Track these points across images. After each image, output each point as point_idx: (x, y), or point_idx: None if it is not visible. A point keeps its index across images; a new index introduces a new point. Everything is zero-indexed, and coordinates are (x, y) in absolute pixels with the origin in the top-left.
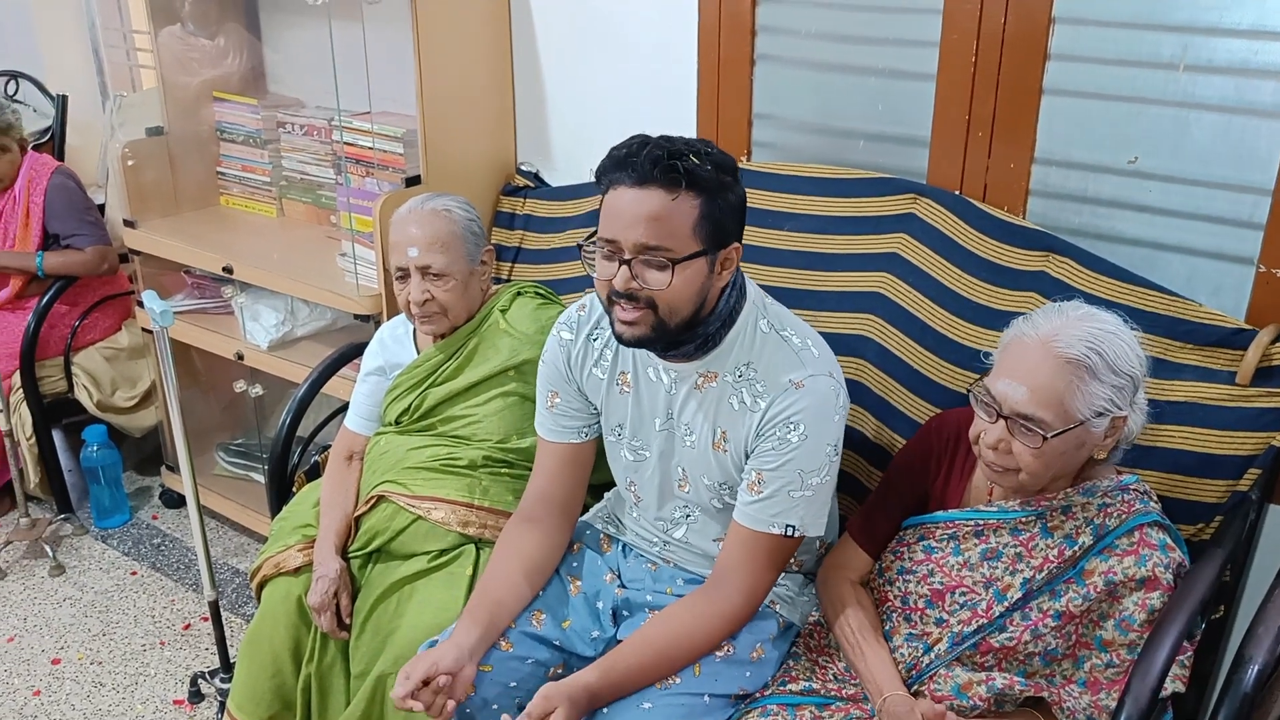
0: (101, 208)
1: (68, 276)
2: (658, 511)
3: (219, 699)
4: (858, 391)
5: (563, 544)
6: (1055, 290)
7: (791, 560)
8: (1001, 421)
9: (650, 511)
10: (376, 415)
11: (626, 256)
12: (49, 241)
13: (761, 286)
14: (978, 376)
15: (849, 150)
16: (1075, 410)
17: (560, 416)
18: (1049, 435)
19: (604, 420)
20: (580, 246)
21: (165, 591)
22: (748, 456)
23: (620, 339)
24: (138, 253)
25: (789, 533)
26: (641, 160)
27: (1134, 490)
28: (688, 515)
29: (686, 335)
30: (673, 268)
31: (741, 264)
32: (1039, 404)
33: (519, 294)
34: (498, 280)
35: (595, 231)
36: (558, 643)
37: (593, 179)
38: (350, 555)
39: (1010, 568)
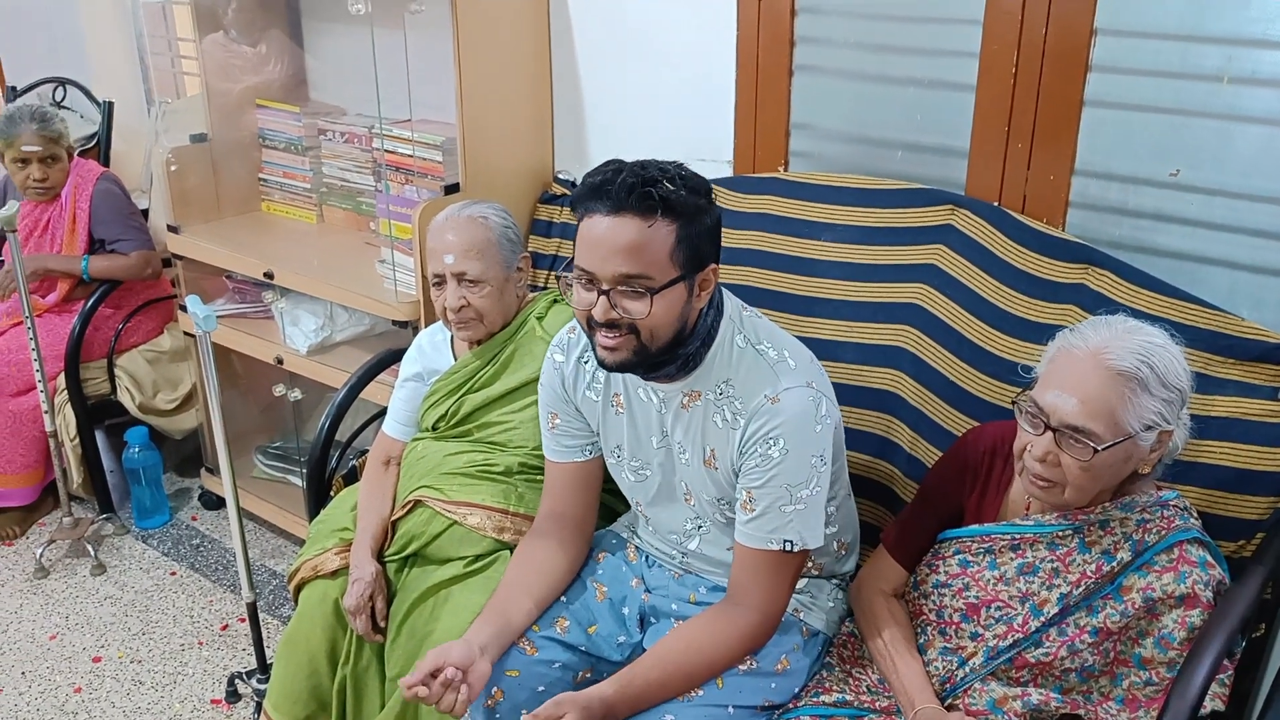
0: (145, 213)
1: (112, 280)
2: (669, 526)
3: (255, 699)
4: (893, 403)
5: (578, 558)
6: (1095, 303)
7: (810, 563)
8: (1049, 434)
9: (662, 526)
10: (414, 421)
11: (605, 287)
12: (94, 246)
13: (799, 296)
14: (1021, 389)
15: (887, 161)
16: (1126, 423)
17: (562, 436)
18: (1099, 448)
19: (603, 442)
20: (558, 276)
21: (204, 592)
22: (736, 474)
23: (603, 364)
24: (180, 257)
25: (788, 548)
26: (616, 188)
27: (1174, 506)
28: (699, 527)
29: (667, 357)
30: (651, 296)
31: (781, 273)
32: (1090, 415)
33: (555, 301)
34: (535, 288)
35: (571, 260)
36: (584, 648)
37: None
38: (386, 559)
39: (1047, 582)
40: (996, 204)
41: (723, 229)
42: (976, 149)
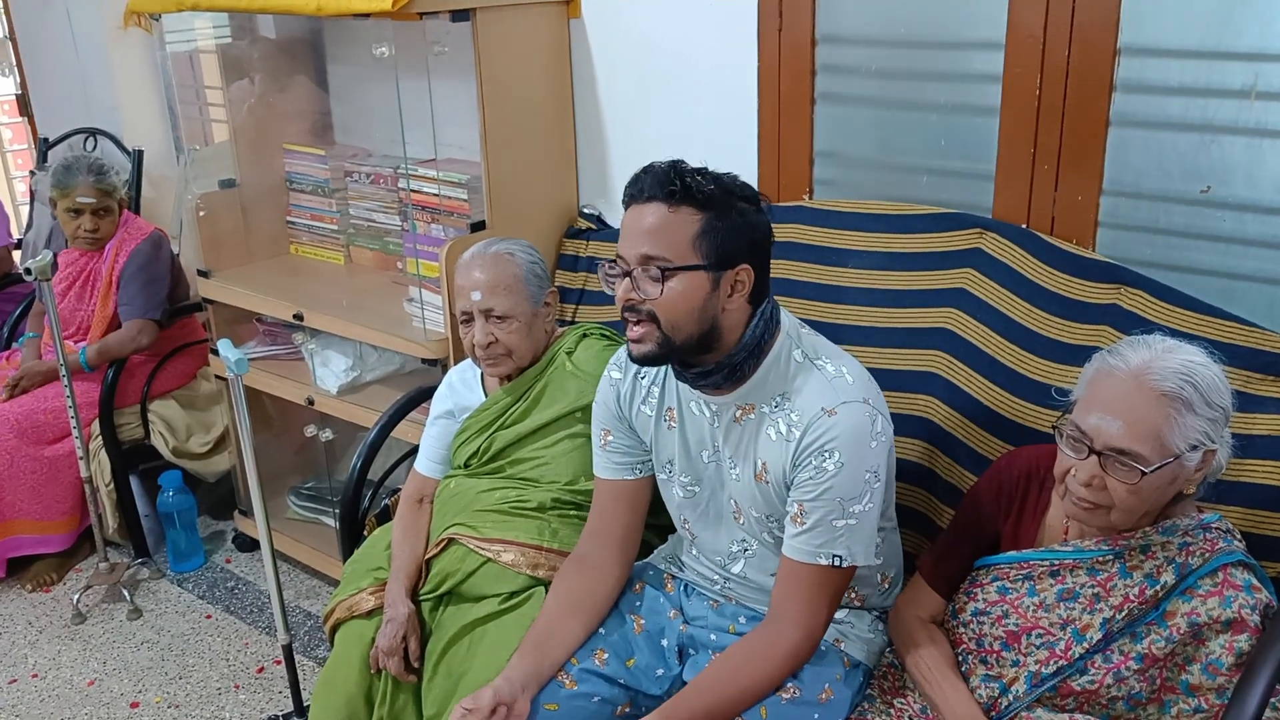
0: (178, 257)
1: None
2: (715, 547)
3: None
4: (927, 428)
5: (619, 582)
6: (1128, 323)
7: (852, 594)
8: (1093, 458)
9: (707, 547)
10: (446, 458)
11: (629, 268)
12: None
13: (827, 324)
14: (1061, 412)
15: (912, 186)
16: (1172, 444)
17: (614, 454)
18: (1147, 470)
19: (655, 458)
20: (600, 268)
21: (239, 635)
22: (788, 488)
23: (632, 359)
24: (211, 301)
25: (836, 563)
26: (650, 177)
27: (1216, 529)
28: (745, 549)
29: (709, 363)
30: (664, 277)
31: (809, 301)
32: (1136, 438)
33: (585, 335)
34: (563, 323)
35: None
36: (623, 681)
37: None
38: (421, 598)
39: (1088, 608)
40: (1025, 226)
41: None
42: (1003, 172)
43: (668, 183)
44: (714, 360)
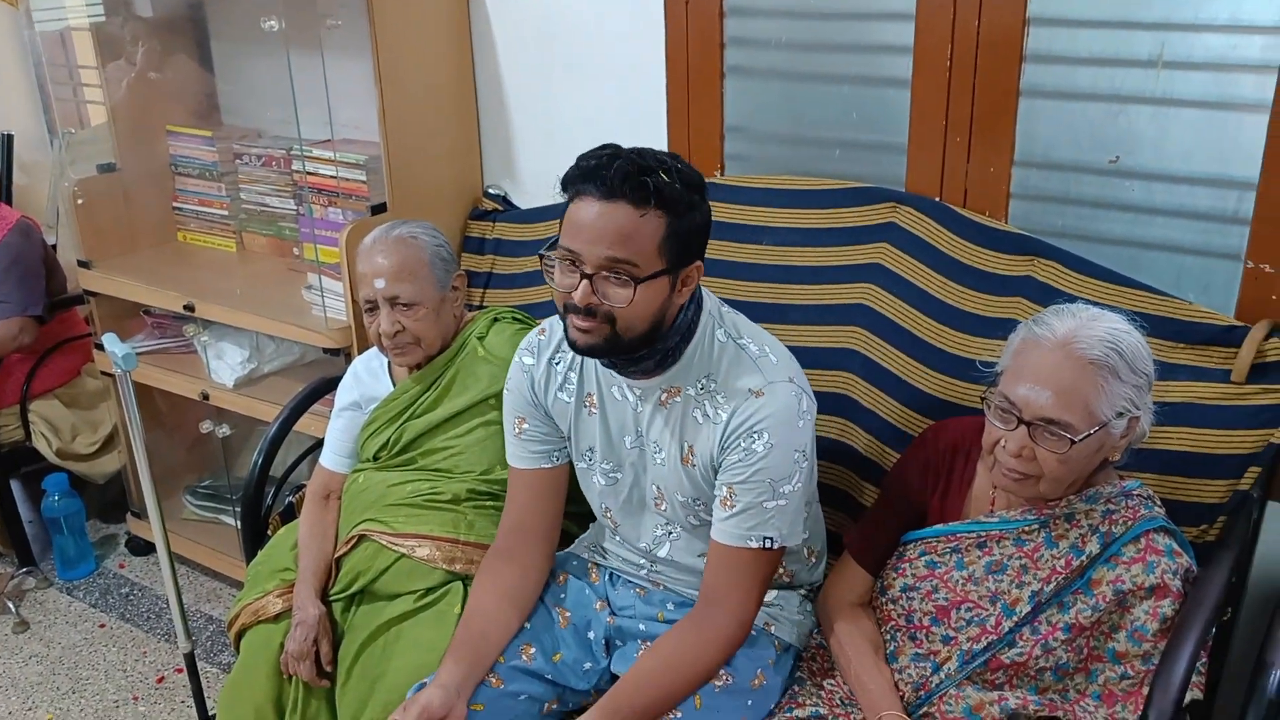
0: (54, 248)
1: None
2: (638, 533)
3: None
4: (846, 406)
5: (542, 575)
6: (1042, 294)
7: (781, 570)
8: (1022, 428)
9: (630, 534)
10: (353, 451)
11: (589, 271)
12: None
13: (742, 302)
14: (987, 385)
15: (825, 161)
16: (1100, 412)
17: (529, 442)
18: (1076, 439)
19: (573, 447)
20: (540, 255)
21: (136, 643)
22: (715, 471)
23: (573, 346)
24: (94, 294)
25: (767, 545)
26: (611, 174)
27: (1137, 495)
28: (669, 533)
29: (644, 351)
30: (635, 285)
31: (722, 279)
32: (1065, 407)
33: (496, 320)
34: (471, 307)
35: (556, 239)
36: (550, 676)
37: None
38: (332, 598)
39: (1017, 580)
40: (938, 199)
41: None
42: (915, 144)
43: (639, 184)
44: (647, 348)
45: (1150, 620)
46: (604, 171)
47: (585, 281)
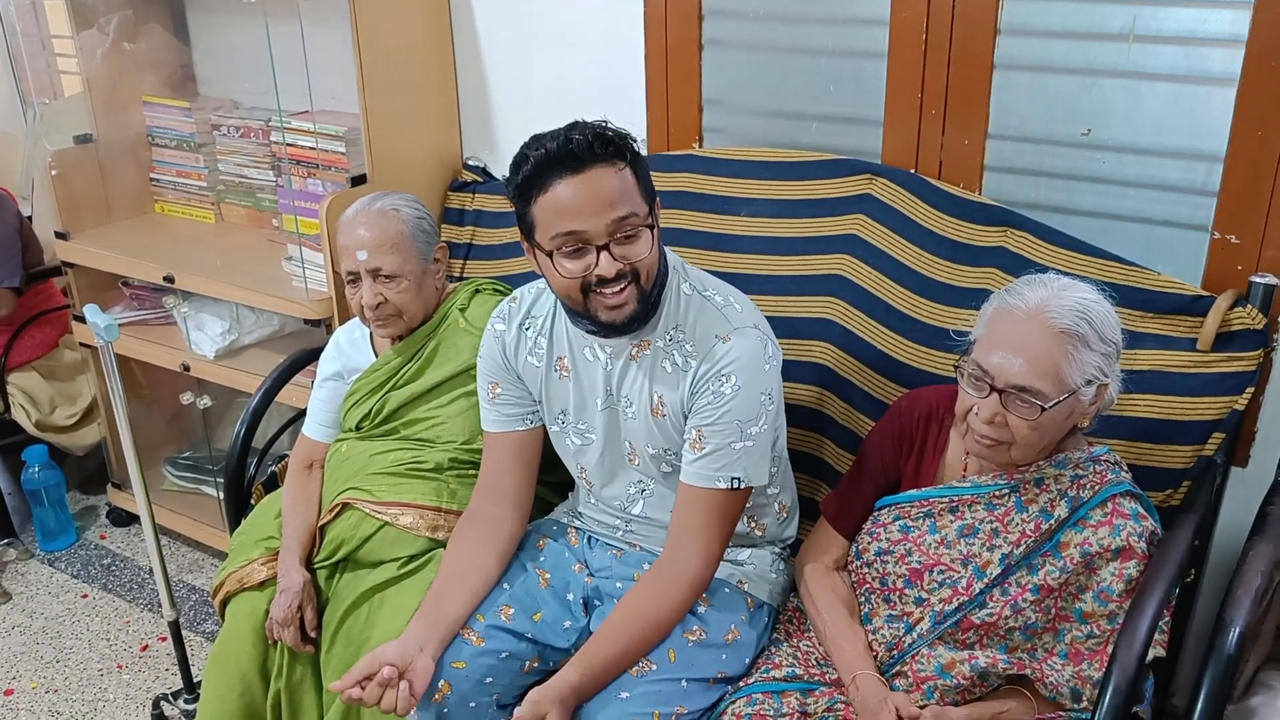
0: (29, 220)
1: None
2: (613, 492)
3: None
4: (823, 374)
5: (514, 537)
6: (1015, 265)
7: (753, 524)
8: (995, 395)
9: (606, 493)
10: (335, 421)
11: (601, 242)
12: None
13: (720, 273)
14: (960, 353)
15: (802, 133)
16: (1070, 379)
17: (503, 406)
18: (1047, 405)
19: (546, 410)
20: (550, 254)
21: (119, 613)
22: (685, 417)
23: (614, 326)
24: (72, 265)
25: (735, 485)
26: (575, 146)
27: (1105, 461)
28: (643, 490)
29: (656, 300)
30: (648, 231)
31: (700, 250)
32: (1036, 375)
33: (477, 291)
34: (452, 278)
35: (541, 239)
36: (530, 635)
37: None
38: (316, 566)
39: (987, 543)
40: (913, 171)
41: None
42: (891, 117)
43: (605, 143)
44: (660, 292)
45: (1116, 581)
46: (568, 147)
47: (604, 253)
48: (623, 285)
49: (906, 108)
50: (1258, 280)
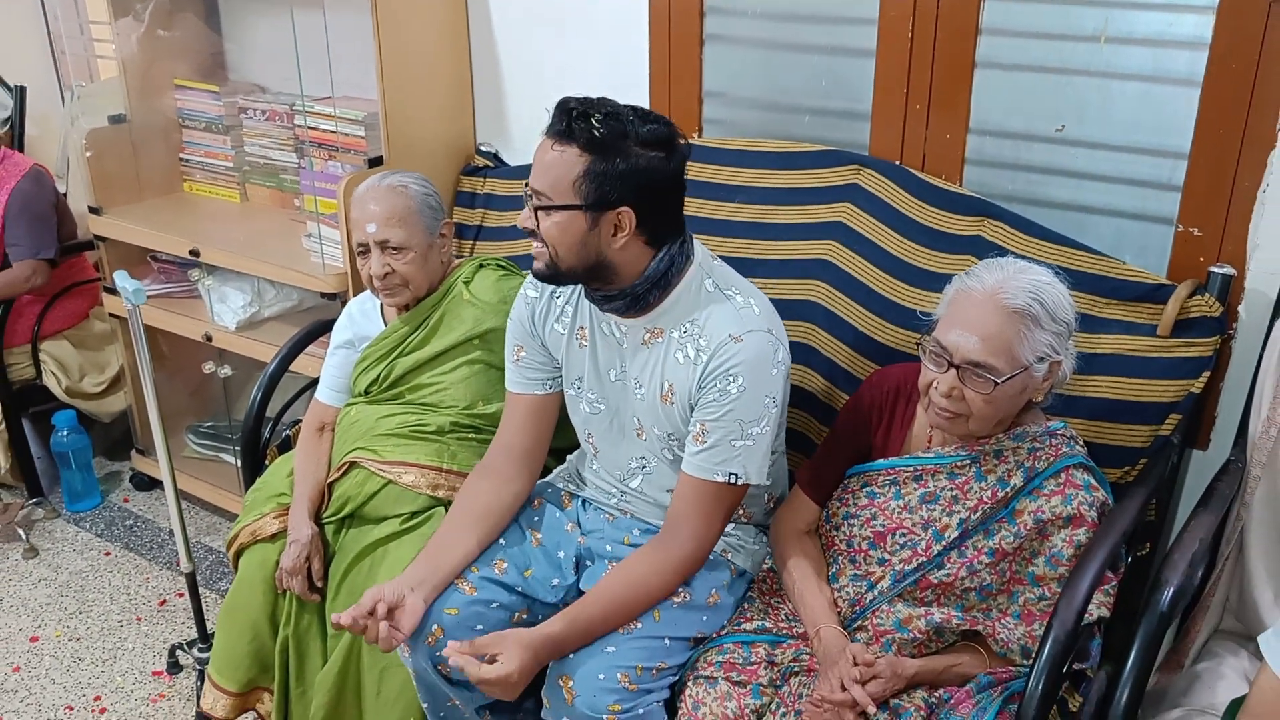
0: (65, 196)
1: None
2: (616, 462)
3: (197, 668)
4: (807, 354)
5: (522, 492)
6: (990, 253)
7: (740, 512)
8: (953, 371)
9: (608, 462)
10: (346, 387)
11: (531, 199)
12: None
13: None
14: (923, 332)
15: (795, 125)
16: (1022, 356)
17: (526, 369)
18: (999, 380)
19: (565, 374)
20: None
21: (139, 570)
22: (692, 409)
23: (532, 273)
24: (104, 239)
25: (732, 480)
26: (555, 114)
27: (1061, 435)
28: (644, 465)
29: (612, 290)
30: (546, 213)
31: (699, 235)
32: (990, 352)
33: (481, 266)
34: (460, 258)
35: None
36: (520, 589)
37: None
38: (324, 521)
39: (947, 509)
40: (898, 163)
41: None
42: (878, 111)
43: (562, 123)
44: (616, 288)
45: (1066, 547)
46: (553, 114)
47: (528, 207)
48: (536, 241)
49: (893, 103)
50: (1216, 270)
